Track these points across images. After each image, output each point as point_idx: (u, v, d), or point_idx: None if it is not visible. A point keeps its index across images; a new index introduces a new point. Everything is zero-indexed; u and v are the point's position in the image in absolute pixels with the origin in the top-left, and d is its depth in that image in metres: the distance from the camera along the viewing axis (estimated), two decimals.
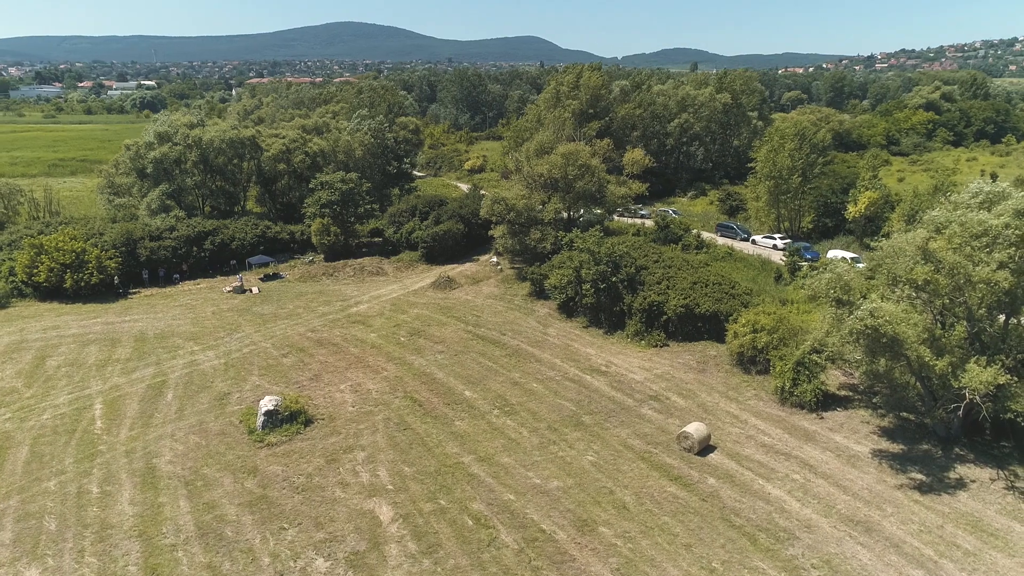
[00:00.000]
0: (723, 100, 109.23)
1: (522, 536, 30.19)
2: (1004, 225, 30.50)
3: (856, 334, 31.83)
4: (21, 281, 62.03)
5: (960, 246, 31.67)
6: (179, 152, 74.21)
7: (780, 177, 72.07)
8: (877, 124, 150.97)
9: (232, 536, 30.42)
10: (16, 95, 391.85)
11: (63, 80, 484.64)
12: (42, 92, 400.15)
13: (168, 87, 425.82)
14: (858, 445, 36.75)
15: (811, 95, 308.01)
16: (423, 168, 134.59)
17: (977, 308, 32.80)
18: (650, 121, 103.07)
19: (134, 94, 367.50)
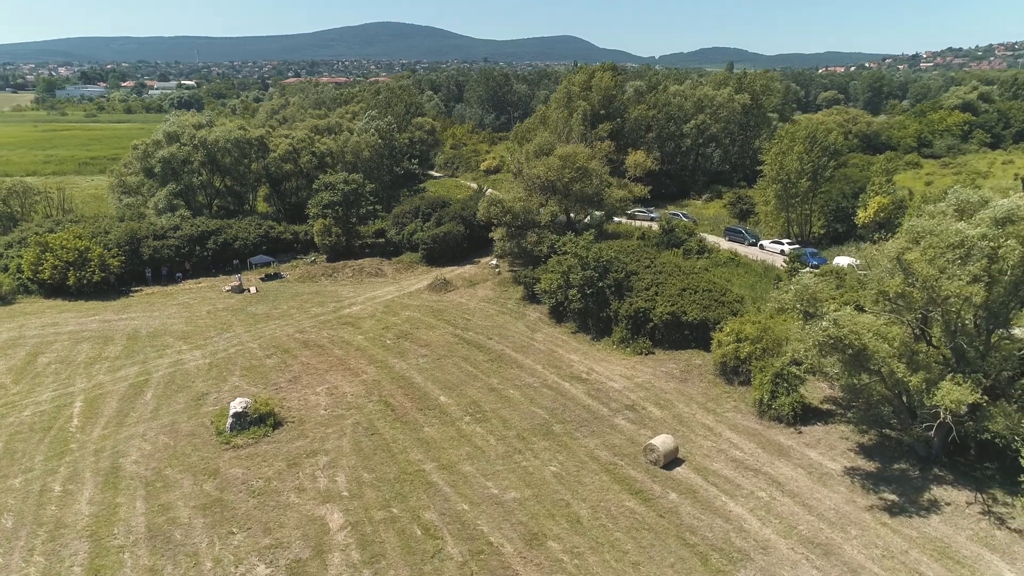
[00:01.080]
0: (742, 101, 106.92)
1: (468, 548, 29.61)
2: (980, 235, 28.88)
3: (819, 345, 30.50)
4: (27, 278, 63.44)
5: (934, 258, 30.12)
6: (186, 152, 75.29)
7: (788, 180, 70.09)
8: (909, 125, 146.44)
9: (180, 539, 30.43)
10: (62, 94, 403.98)
11: (107, 80, 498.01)
12: (86, 92, 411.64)
13: (207, 87, 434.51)
14: (833, 462, 35.32)
15: (848, 95, 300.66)
16: (441, 168, 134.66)
17: (955, 322, 31.19)
18: (665, 122, 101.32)
19: (173, 94, 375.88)
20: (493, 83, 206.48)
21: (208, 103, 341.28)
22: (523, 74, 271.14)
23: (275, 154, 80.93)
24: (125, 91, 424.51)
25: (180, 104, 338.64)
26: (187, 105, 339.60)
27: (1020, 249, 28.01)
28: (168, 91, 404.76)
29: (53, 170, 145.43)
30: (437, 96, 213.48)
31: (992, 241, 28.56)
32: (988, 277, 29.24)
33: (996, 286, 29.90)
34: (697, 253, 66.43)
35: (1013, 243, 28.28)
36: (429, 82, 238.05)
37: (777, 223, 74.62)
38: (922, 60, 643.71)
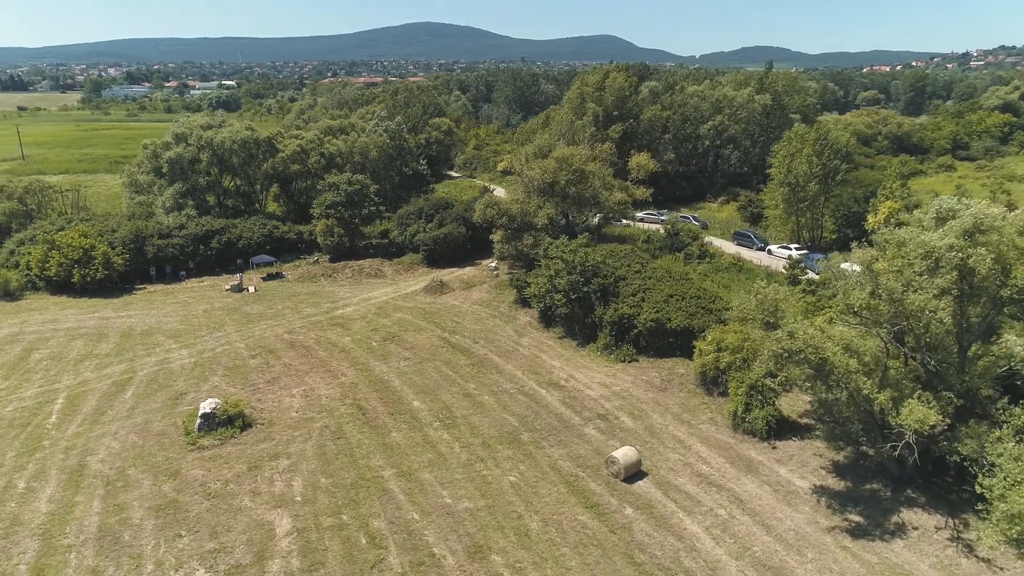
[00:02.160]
0: (762, 101, 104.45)
1: (410, 559, 29.13)
2: (948, 247, 27.31)
3: (775, 357, 29.25)
4: (35, 275, 64.97)
5: (901, 269, 28.63)
6: (193, 152, 76.36)
7: (796, 184, 68.07)
8: (944, 126, 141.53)
9: (128, 540, 30.56)
10: (107, 95, 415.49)
11: (151, 80, 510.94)
12: (130, 92, 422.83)
13: (246, 87, 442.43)
14: (802, 480, 33.93)
15: (889, 95, 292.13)
16: (460, 168, 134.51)
17: (924, 337, 29.62)
18: (681, 123, 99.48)
19: (212, 94, 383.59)
20: (520, 83, 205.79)
21: (246, 103, 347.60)
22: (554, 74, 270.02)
23: (283, 154, 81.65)
24: (168, 91, 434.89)
25: (218, 104, 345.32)
26: (225, 105, 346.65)
27: (991, 259, 26.36)
28: (208, 91, 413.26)
29: (85, 168, 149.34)
30: (465, 96, 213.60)
31: (960, 252, 26.95)
32: (957, 290, 27.65)
33: (968, 299, 28.26)
34: (698, 258, 64.97)
35: (983, 252, 26.64)
36: (458, 82, 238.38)
37: (786, 227, 72.61)
38: (972, 59, 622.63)
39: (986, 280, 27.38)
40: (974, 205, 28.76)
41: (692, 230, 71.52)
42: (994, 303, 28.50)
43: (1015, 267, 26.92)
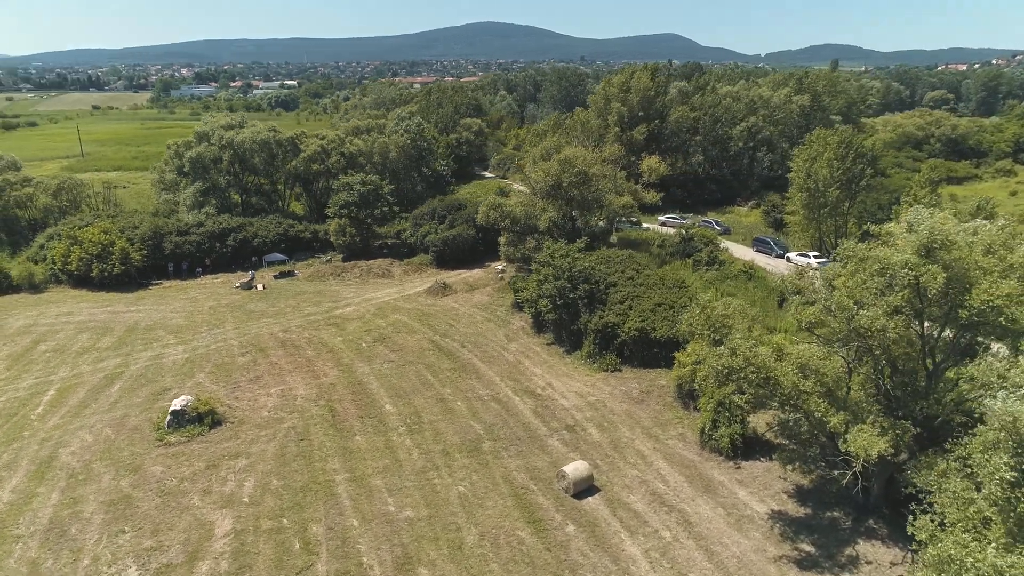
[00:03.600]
0: (800, 102, 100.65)
1: (338, 568, 28.82)
2: (903, 263, 25.32)
3: (716, 374, 27.76)
4: (58, 269, 67.59)
5: (854, 286, 26.75)
6: (214, 152, 78.27)
7: (816, 189, 65.13)
8: (1007, 128, 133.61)
9: (73, 533, 31.18)
10: (175, 94, 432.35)
11: (218, 80, 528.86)
12: (196, 91, 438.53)
13: (305, 87, 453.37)
14: (760, 503, 32.20)
15: (959, 95, 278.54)
16: (494, 169, 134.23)
17: (880, 358, 27.63)
18: (711, 124, 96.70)
19: (272, 93, 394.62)
20: (566, 83, 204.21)
21: (304, 102, 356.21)
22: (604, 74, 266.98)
23: (304, 154, 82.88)
24: (232, 91, 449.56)
25: (277, 103, 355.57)
26: (284, 104, 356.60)
27: (942, 278, 24.31)
28: (270, 91, 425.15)
29: (138, 165, 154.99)
30: (510, 96, 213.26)
31: (914, 269, 24.95)
32: (911, 309, 25.65)
33: (926, 319, 26.21)
34: (707, 265, 62.81)
35: (936, 269, 24.61)
36: (506, 82, 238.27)
37: (807, 234, 69.59)
38: None
39: (943, 299, 25.30)
40: (933, 218, 26.60)
41: (706, 235, 69.25)
42: (957, 324, 26.30)
43: (976, 286, 24.72)
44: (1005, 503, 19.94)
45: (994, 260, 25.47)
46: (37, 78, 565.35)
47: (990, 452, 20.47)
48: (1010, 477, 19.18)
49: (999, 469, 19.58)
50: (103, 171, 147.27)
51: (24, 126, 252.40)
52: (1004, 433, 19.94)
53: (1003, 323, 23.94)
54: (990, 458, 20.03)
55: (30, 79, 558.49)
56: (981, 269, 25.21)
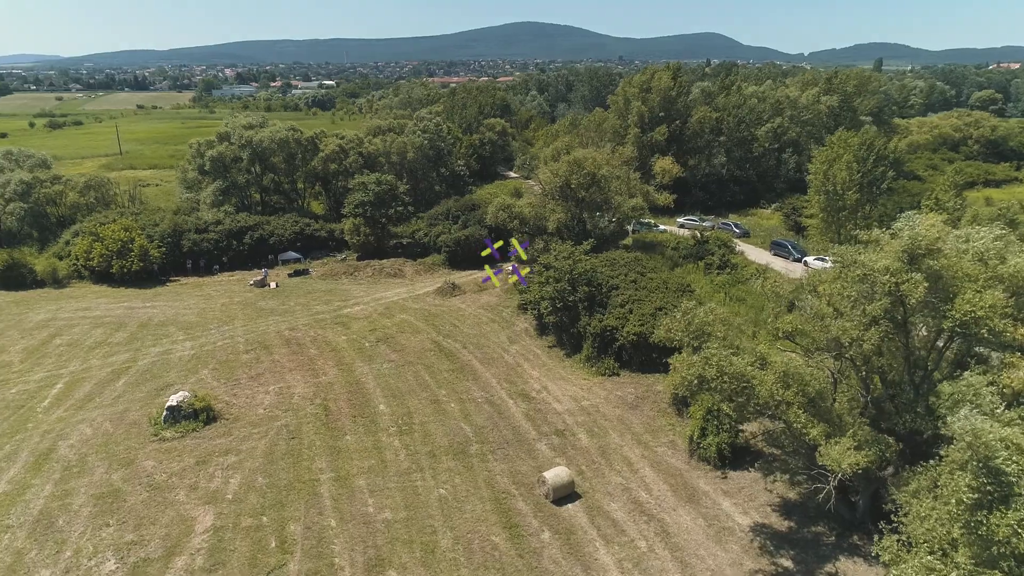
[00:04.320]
0: (828, 103, 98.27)
1: (309, 567, 28.94)
2: (884, 269, 24.39)
3: (687, 384, 27.13)
4: (81, 265, 69.43)
5: (834, 292, 25.88)
6: (234, 151, 79.56)
7: (834, 191, 63.49)
8: None
9: (60, 525, 31.87)
10: (218, 94, 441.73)
11: (259, 80, 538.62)
12: (237, 91, 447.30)
13: (343, 86, 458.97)
14: (743, 515, 31.41)
15: (1008, 95, 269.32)
16: (519, 169, 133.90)
17: (860, 369, 26.68)
18: (735, 125, 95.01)
19: (309, 93, 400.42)
20: (597, 82, 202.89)
21: (340, 102, 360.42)
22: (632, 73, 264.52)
23: (322, 154, 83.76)
24: (272, 91, 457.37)
25: (314, 103, 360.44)
26: (320, 104, 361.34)
27: (924, 286, 23.34)
28: (308, 91, 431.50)
29: (173, 163, 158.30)
30: (541, 96, 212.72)
31: (895, 277, 24.01)
32: (890, 319, 24.69)
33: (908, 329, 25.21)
34: (719, 268, 61.82)
35: (918, 277, 23.64)
36: (537, 82, 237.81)
37: (825, 237, 67.82)
38: None
39: (926, 309, 24.30)
40: (923, 224, 25.58)
41: (722, 238, 68.19)
42: (941, 334, 25.25)
43: (960, 295, 23.67)
44: (968, 526, 19.08)
45: (982, 269, 24.36)
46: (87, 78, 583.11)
47: (954, 472, 19.62)
48: (968, 500, 18.31)
49: (958, 491, 18.73)
50: (138, 169, 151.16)
51: (70, 125, 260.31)
52: (970, 452, 19.08)
53: (985, 335, 22.88)
54: (953, 478, 19.17)
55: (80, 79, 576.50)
56: (968, 278, 24.14)
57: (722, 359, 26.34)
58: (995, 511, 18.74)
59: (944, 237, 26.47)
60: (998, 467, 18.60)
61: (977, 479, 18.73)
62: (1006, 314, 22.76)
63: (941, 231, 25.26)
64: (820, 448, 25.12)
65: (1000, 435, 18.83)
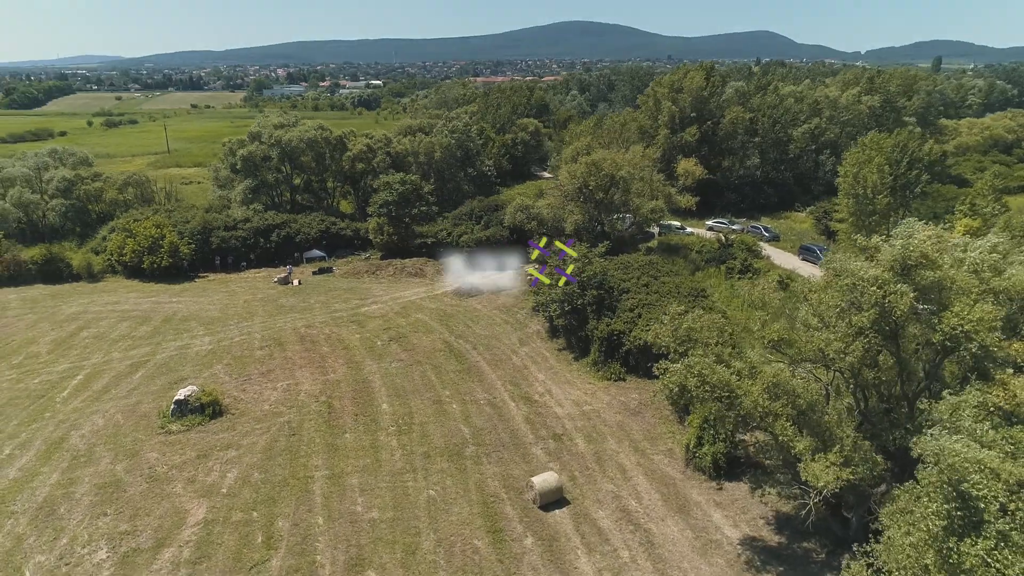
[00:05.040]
0: (869, 103, 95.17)
1: (291, 564, 29.22)
2: (872, 280, 23.37)
3: (669, 391, 26.47)
4: (115, 260, 71.70)
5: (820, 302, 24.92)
6: (264, 150, 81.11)
7: (864, 195, 61.43)
8: None
9: (61, 513, 32.88)
10: (268, 94, 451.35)
11: (308, 80, 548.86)
12: (286, 91, 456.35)
13: (389, 86, 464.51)
14: (733, 528, 30.54)
15: None
16: (553, 170, 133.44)
17: (849, 382, 25.63)
18: (770, 126, 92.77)
19: (356, 93, 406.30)
20: (638, 82, 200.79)
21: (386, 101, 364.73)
22: None
23: (350, 154, 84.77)
24: (320, 90, 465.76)
25: (359, 102, 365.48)
26: (366, 103, 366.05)
27: (909, 298, 22.28)
28: (355, 90, 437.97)
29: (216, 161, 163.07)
30: (582, 96, 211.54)
31: (882, 288, 22.98)
32: (876, 331, 23.63)
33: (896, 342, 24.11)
34: (740, 273, 60.40)
35: (904, 289, 22.59)
36: (579, 81, 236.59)
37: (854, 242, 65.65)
38: None
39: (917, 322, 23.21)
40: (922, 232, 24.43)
41: (746, 242, 66.72)
42: (933, 349, 24.08)
43: (951, 309, 22.50)
44: (940, 553, 18.12)
45: (975, 282, 23.15)
46: (146, 79, 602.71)
47: (921, 497, 18.67)
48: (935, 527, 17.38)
49: (926, 517, 17.80)
50: (183, 167, 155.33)
51: (125, 124, 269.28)
52: (938, 475, 18.14)
53: (973, 351, 21.71)
54: (920, 504, 18.25)
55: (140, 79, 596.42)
56: (961, 291, 22.97)
57: (704, 367, 25.63)
58: (965, 538, 17.76)
59: (944, 247, 25.29)
60: (967, 491, 17.60)
61: (947, 504, 17.77)
62: (995, 328, 21.53)
63: (936, 241, 24.06)
64: (802, 463, 24.20)
65: (973, 457, 17.82)
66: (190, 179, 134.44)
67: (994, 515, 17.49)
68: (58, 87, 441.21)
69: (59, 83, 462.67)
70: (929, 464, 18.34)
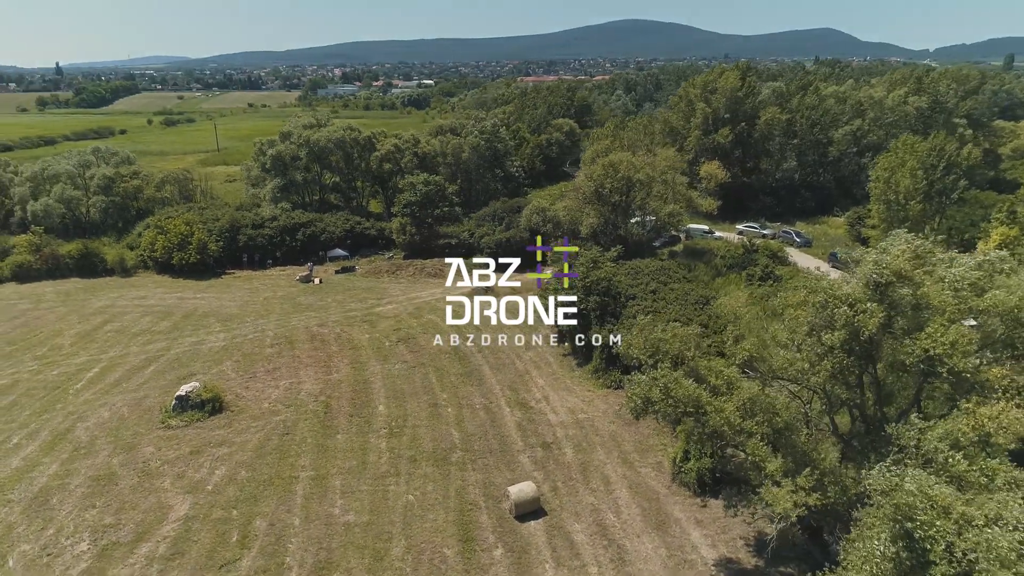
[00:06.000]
0: (916, 104, 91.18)
1: (259, 565, 29.40)
2: (844, 297, 22.07)
3: (633, 405, 25.58)
4: (147, 256, 73.90)
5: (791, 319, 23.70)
6: (293, 150, 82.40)
7: (895, 201, 58.74)
8: None
9: (53, 503, 33.87)
10: (322, 93, 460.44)
11: (362, 80, 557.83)
12: (340, 91, 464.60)
13: (440, 86, 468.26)
14: (711, 548, 29.40)
15: None
16: None
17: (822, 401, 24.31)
18: (808, 128, 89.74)
19: (406, 92, 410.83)
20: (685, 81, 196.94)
21: (435, 101, 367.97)
22: None
23: (377, 154, 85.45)
24: (373, 90, 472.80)
25: (409, 102, 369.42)
26: (416, 103, 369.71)
27: (878, 319, 20.93)
28: (407, 90, 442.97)
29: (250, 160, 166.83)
30: (627, 96, 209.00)
31: (852, 307, 21.67)
32: (844, 351, 22.31)
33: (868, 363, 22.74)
34: (760, 279, 58.48)
35: (875, 308, 21.25)
36: (625, 81, 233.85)
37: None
38: None
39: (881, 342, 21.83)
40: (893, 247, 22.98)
41: (772, 247, 64.65)
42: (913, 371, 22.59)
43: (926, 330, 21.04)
44: None
45: (954, 301, 21.63)
46: (208, 78, 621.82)
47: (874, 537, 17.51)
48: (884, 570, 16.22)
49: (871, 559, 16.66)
50: (230, 164, 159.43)
51: (183, 123, 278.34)
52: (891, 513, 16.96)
53: (944, 375, 20.27)
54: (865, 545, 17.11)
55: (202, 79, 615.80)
56: (938, 311, 21.51)
57: (670, 381, 24.68)
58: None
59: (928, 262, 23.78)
60: (912, 530, 16.38)
61: (892, 545, 16.59)
62: (969, 352, 20.01)
63: (914, 256, 22.56)
64: (763, 487, 23.06)
65: (923, 493, 16.57)
66: (234, 177, 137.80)
67: (940, 556, 16.21)
68: (124, 87, 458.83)
69: (126, 83, 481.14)
70: (874, 499, 17.16)
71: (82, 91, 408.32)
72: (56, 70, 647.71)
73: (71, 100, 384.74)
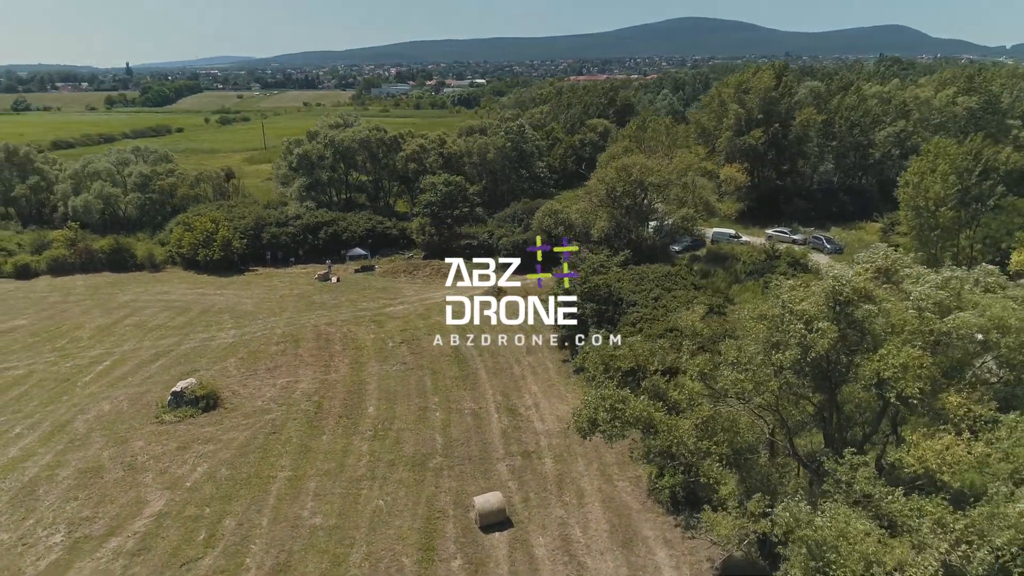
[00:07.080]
0: (966, 104, 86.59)
1: (220, 565, 29.54)
2: (799, 315, 20.70)
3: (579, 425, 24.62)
4: (175, 252, 75.86)
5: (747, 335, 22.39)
6: (319, 150, 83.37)
7: (926, 208, 55.76)
8: None
9: (39, 494, 34.80)
10: (375, 92, 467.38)
11: (415, 79, 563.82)
12: (392, 90, 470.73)
13: (491, 85, 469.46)
14: (674, 571, 28.16)
15: None
16: None
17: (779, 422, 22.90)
18: (847, 129, 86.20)
19: (457, 92, 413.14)
20: None
21: (485, 100, 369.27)
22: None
23: (403, 154, 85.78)
24: (425, 89, 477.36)
25: (458, 101, 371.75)
26: (465, 102, 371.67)
27: (829, 339, 19.54)
28: (458, 89, 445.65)
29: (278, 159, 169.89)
30: (674, 95, 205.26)
31: (806, 326, 20.31)
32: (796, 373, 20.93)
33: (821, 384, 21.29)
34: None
35: (827, 327, 19.85)
36: (672, 80, 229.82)
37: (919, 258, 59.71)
38: None
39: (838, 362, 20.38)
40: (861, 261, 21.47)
41: (794, 254, 62.29)
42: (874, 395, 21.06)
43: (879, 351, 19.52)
44: None
45: (916, 322, 20.04)
46: (268, 78, 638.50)
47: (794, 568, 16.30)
48: None
49: None
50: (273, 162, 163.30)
51: (238, 121, 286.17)
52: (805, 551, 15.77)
53: (893, 400, 18.76)
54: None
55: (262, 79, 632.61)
56: (894, 332, 19.98)
57: (617, 400, 23.66)
58: None
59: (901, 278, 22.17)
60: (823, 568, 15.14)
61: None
62: (921, 376, 18.43)
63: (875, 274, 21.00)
64: (704, 512, 21.86)
65: (839, 529, 15.31)
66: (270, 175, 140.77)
67: None
68: (188, 86, 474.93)
69: (190, 82, 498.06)
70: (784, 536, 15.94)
71: (148, 90, 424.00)
72: (126, 70, 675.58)
73: (137, 99, 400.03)
